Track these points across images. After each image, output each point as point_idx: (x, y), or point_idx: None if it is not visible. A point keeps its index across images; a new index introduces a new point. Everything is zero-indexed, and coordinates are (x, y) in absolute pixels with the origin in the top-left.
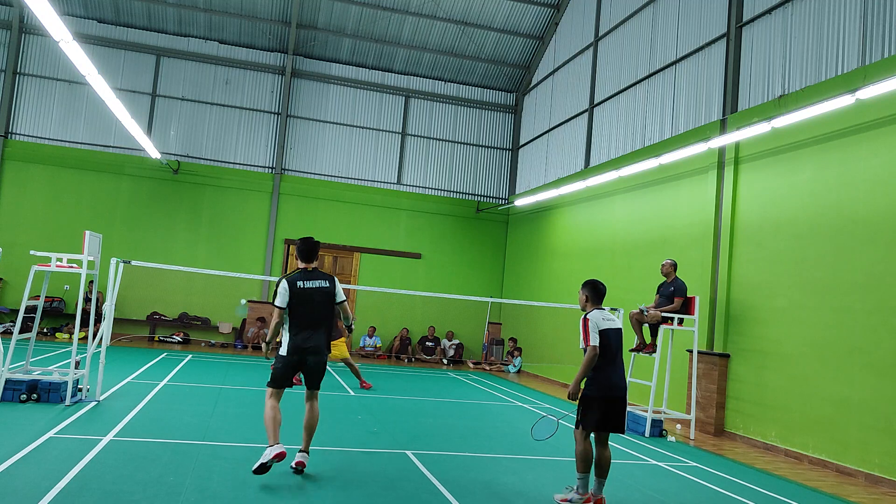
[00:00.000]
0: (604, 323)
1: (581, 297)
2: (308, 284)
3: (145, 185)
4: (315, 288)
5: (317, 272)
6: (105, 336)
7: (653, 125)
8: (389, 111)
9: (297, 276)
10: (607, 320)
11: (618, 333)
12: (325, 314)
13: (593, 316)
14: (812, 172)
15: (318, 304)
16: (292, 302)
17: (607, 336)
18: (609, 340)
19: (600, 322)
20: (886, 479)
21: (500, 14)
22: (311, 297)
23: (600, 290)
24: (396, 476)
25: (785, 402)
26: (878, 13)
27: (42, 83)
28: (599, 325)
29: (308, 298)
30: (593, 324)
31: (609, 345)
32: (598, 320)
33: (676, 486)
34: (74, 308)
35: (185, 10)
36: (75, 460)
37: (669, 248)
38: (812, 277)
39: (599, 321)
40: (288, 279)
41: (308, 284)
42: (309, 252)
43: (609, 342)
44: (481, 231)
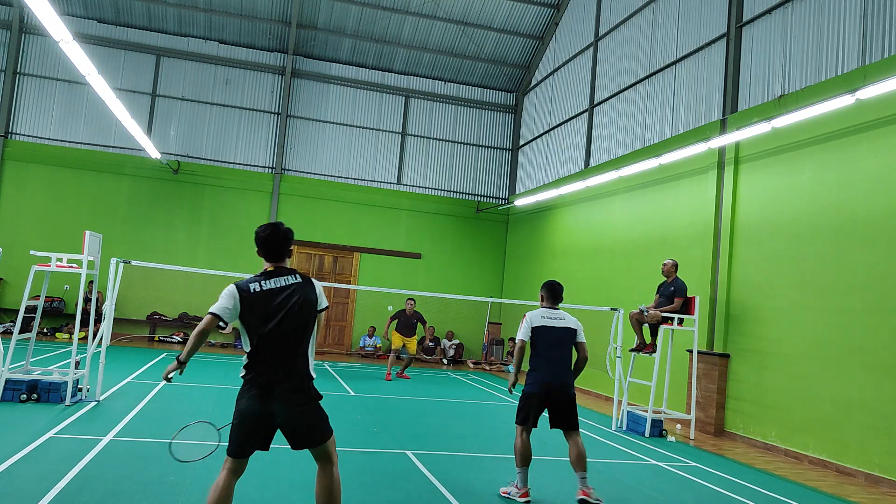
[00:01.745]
0: (541, 321)
1: (539, 295)
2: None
3: (145, 185)
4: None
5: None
6: (105, 336)
7: (653, 125)
8: (389, 111)
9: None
10: (548, 318)
11: (559, 332)
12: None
13: (531, 313)
14: (812, 172)
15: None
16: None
17: (541, 333)
18: (540, 338)
19: (536, 319)
20: (886, 479)
21: (500, 14)
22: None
23: (556, 290)
24: (396, 476)
25: (785, 402)
26: (878, 13)
27: (42, 83)
28: (533, 323)
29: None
30: (527, 320)
31: (538, 342)
32: (535, 317)
33: (676, 486)
34: (74, 308)
35: (185, 10)
36: (75, 460)
37: (669, 248)
38: (812, 277)
39: (535, 318)
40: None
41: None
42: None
43: (539, 339)
44: (481, 231)
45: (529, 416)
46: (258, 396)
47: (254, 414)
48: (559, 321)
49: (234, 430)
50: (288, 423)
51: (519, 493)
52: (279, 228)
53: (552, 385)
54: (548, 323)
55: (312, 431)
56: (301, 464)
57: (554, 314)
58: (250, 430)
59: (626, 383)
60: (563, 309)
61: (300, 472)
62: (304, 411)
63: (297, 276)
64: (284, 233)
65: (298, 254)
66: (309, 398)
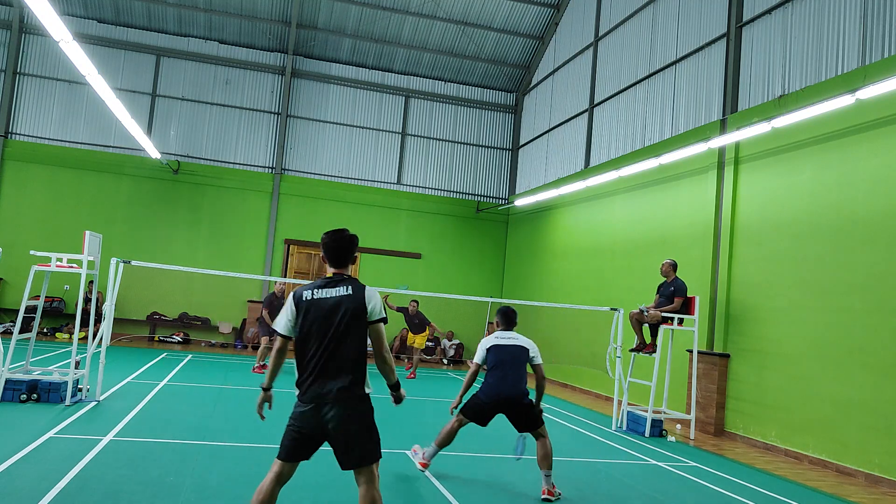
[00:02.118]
0: (494, 340)
1: (494, 321)
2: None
3: (145, 185)
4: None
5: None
6: (105, 336)
7: (653, 125)
8: (389, 111)
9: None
10: (501, 339)
11: (510, 349)
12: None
13: (486, 339)
14: (812, 172)
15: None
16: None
17: (493, 352)
18: (492, 355)
19: (490, 341)
20: (886, 479)
21: (500, 14)
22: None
23: (509, 315)
24: (396, 476)
25: (785, 402)
26: (878, 13)
27: (42, 83)
28: (486, 345)
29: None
30: (482, 345)
31: (490, 359)
32: (489, 340)
33: (676, 486)
34: (74, 308)
35: (185, 10)
36: (75, 460)
37: (669, 248)
38: (812, 277)
39: (490, 341)
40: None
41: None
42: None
43: (491, 356)
44: (481, 231)
45: (473, 415)
46: (307, 403)
47: (304, 421)
48: (511, 340)
49: (285, 432)
50: (332, 436)
51: (422, 461)
52: (342, 235)
53: (501, 395)
54: (500, 342)
55: (362, 446)
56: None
57: (507, 335)
58: (298, 435)
59: (626, 383)
60: (563, 307)
61: (296, 475)
62: (352, 425)
63: (350, 287)
64: (348, 239)
65: (298, 254)
66: (353, 412)
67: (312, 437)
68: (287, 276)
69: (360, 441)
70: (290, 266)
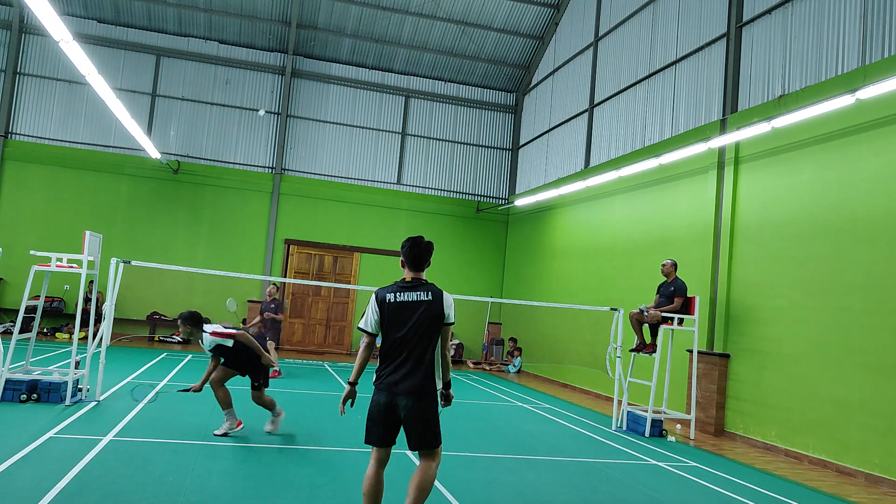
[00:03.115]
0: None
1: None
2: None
3: (145, 185)
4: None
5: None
6: (105, 336)
7: (653, 125)
8: (389, 111)
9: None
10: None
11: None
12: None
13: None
14: (812, 172)
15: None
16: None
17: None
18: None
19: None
20: (886, 479)
21: (500, 14)
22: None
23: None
24: (396, 476)
25: (785, 402)
26: (878, 13)
27: (42, 83)
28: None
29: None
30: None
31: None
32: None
33: (676, 486)
34: (74, 308)
35: (185, 10)
36: (75, 460)
37: (669, 248)
38: (812, 277)
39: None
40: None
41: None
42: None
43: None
44: (481, 231)
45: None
46: (385, 393)
47: (381, 408)
48: (418, 293)
49: (368, 421)
50: (404, 422)
51: (233, 424)
52: (419, 243)
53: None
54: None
55: (425, 434)
56: (298, 465)
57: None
58: (380, 421)
59: (626, 383)
60: (563, 307)
61: (294, 474)
62: (419, 414)
63: (429, 292)
64: (425, 246)
65: (298, 254)
66: (426, 403)
67: (391, 423)
68: (287, 276)
69: (425, 429)
70: (290, 266)
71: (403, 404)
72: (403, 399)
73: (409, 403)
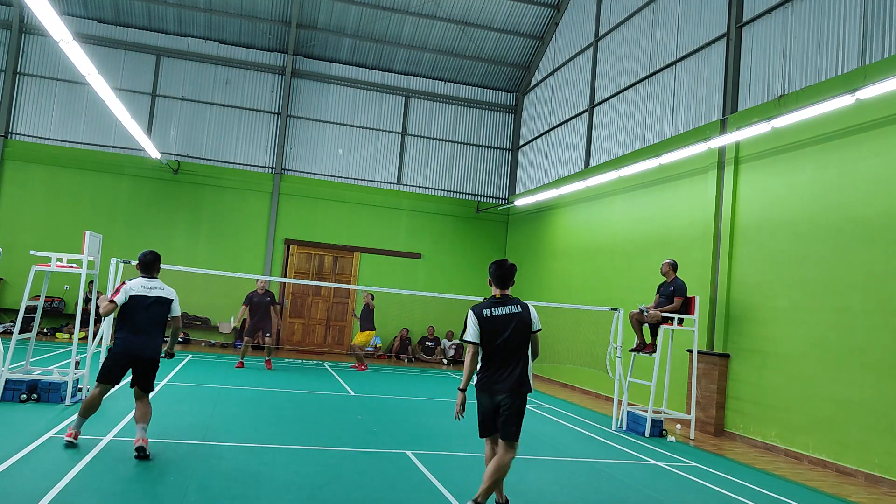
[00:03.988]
0: (139, 290)
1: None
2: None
3: (145, 185)
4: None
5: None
6: (105, 336)
7: (653, 125)
8: (389, 111)
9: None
10: (145, 288)
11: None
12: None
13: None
14: (812, 172)
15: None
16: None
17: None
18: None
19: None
20: (886, 479)
21: (500, 14)
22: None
23: (506, 270)
24: (396, 476)
25: (785, 402)
26: (878, 13)
27: (42, 83)
28: (130, 291)
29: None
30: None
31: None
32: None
33: (676, 486)
34: (74, 308)
35: (185, 10)
36: (75, 460)
37: (669, 248)
38: (812, 277)
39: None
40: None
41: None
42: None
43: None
44: (481, 231)
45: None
46: (488, 392)
47: (486, 405)
48: (509, 308)
49: (481, 419)
50: (503, 416)
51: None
52: (504, 265)
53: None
54: (142, 293)
55: (514, 427)
56: (298, 465)
57: (149, 283)
58: (488, 417)
59: (626, 383)
60: (563, 307)
61: (294, 474)
62: (515, 409)
63: (518, 305)
64: (509, 268)
65: (299, 254)
66: (520, 400)
67: (492, 416)
68: (287, 276)
69: (515, 423)
70: (290, 266)
71: (502, 400)
72: (502, 396)
73: (507, 401)
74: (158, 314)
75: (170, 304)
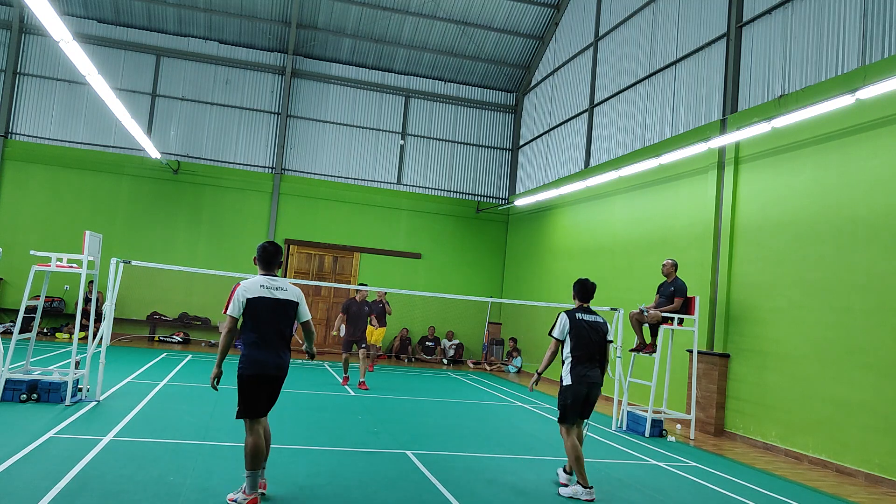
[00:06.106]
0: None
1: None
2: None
3: (145, 185)
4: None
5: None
6: (105, 336)
7: (653, 125)
8: (389, 111)
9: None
10: (265, 288)
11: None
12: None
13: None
14: (812, 172)
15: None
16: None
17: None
18: (255, 309)
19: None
20: (886, 479)
21: (500, 14)
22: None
23: (588, 288)
24: (396, 476)
25: (785, 402)
26: (878, 13)
27: (42, 83)
28: (247, 294)
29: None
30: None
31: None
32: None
33: (676, 486)
34: (74, 308)
35: (185, 10)
36: (75, 460)
37: (669, 248)
38: (812, 277)
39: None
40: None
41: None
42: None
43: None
44: (481, 231)
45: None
46: (585, 385)
47: (581, 395)
48: (595, 317)
49: (571, 406)
50: (589, 402)
51: (248, 498)
52: (587, 284)
53: (269, 364)
54: (261, 294)
55: (590, 410)
56: (298, 465)
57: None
58: (577, 403)
59: (626, 383)
60: (563, 307)
61: (294, 474)
62: (596, 398)
63: (600, 317)
64: (591, 286)
65: (298, 254)
66: (600, 391)
67: (582, 404)
68: (287, 276)
69: (593, 407)
70: (290, 266)
71: (591, 390)
72: (591, 389)
73: (596, 391)
74: (284, 321)
75: (296, 309)
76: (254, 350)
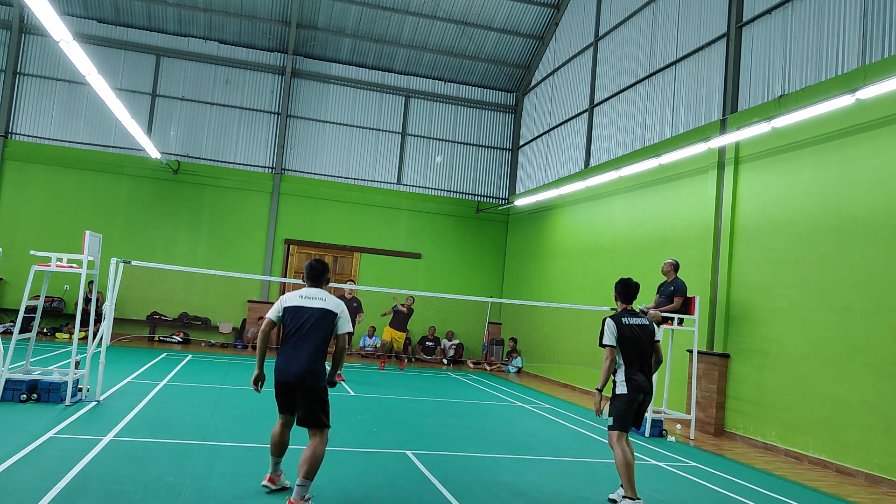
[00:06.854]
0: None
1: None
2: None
3: (145, 185)
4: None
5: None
6: (105, 336)
7: (653, 125)
8: (389, 111)
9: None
10: (302, 297)
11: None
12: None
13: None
14: (812, 172)
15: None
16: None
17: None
18: (289, 320)
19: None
20: (886, 479)
21: (500, 14)
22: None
23: (632, 287)
24: (396, 476)
25: (785, 402)
26: (878, 13)
27: (42, 83)
28: (285, 302)
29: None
30: (609, 326)
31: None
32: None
33: (676, 486)
34: (74, 308)
35: (185, 10)
36: (75, 460)
37: (669, 248)
38: (812, 277)
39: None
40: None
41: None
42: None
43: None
44: (481, 231)
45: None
46: (635, 390)
47: (636, 402)
48: (640, 319)
49: (625, 412)
50: (642, 407)
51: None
52: (630, 284)
53: (289, 371)
54: (293, 303)
55: (643, 414)
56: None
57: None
58: (632, 412)
59: None
60: (563, 307)
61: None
62: (648, 402)
63: (645, 319)
64: (634, 286)
65: (298, 254)
66: (651, 395)
67: (636, 408)
68: (287, 276)
69: (643, 415)
70: (290, 266)
71: (643, 395)
72: (643, 394)
73: (648, 398)
74: (317, 330)
75: (334, 319)
76: (280, 355)
